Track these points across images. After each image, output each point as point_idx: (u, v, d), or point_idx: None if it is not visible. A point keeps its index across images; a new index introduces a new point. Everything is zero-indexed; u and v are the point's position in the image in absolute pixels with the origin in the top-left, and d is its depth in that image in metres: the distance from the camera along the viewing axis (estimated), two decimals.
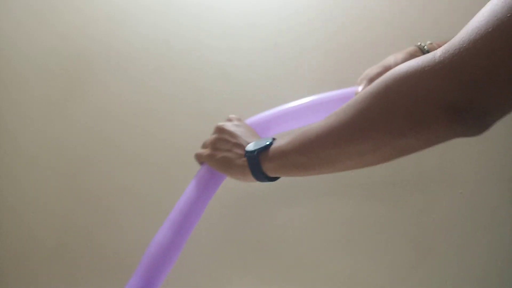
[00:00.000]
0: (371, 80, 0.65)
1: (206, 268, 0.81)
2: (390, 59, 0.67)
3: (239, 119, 0.63)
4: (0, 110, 0.92)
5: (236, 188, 0.79)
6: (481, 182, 0.73)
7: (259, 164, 0.52)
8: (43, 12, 0.91)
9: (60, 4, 0.91)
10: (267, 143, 0.53)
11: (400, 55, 0.67)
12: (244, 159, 0.54)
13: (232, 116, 0.63)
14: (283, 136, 0.53)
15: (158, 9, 0.86)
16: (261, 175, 0.53)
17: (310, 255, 0.78)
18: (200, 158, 0.62)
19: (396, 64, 0.65)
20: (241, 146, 0.56)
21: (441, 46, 0.63)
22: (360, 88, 0.65)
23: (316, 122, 0.48)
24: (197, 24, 0.84)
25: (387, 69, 0.65)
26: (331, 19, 0.82)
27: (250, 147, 0.54)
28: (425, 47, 0.66)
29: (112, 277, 0.85)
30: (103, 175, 0.86)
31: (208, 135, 0.82)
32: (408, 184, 0.75)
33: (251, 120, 0.65)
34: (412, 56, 0.66)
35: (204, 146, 0.62)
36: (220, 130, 0.60)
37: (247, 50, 0.82)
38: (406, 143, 0.40)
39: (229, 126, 0.60)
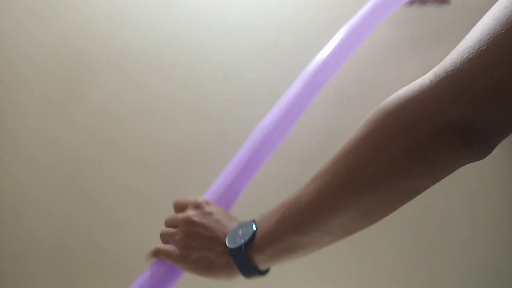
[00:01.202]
0: None
1: None
2: None
3: (207, 202, 0.52)
4: (0, 110, 0.92)
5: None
6: (481, 182, 0.73)
7: (249, 259, 0.45)
8: (43, 12, 0.91)
9: (60, 4, 0.91)
10: (252, 231, 0.45)
11: None
12: (228, 257, 0.46)
13: (197, 200, 0.52)
14: (263, 216, 0.46)
15: (158, 9, 0.86)
16: (252, 271, 0.46)
17: (310, 255, 0.78)
18: (166, 254, 0.50)
19: None
20: (220, 240, 0.47)
21: None
22: None
23: (303, 186, 0.42)
24: (197, 24, 0.84)
25: None
26: (331, 19, 0.82)
27: (233, 241, 0.46)
28: None
29: (112, 277, 0.85)
30: (103, 175, 0.86)
31: (208, 135, 0.83)
32: None
33: (212, 192, 0.56)
34: None
35: (168, 225, 0.53)
36: (189, 223, 0.49)
37: (247, 50, 0.82)
38: (413, 182, 0.37)
39: (198, 216, 0.49)
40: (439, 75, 0.34)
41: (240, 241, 0.45)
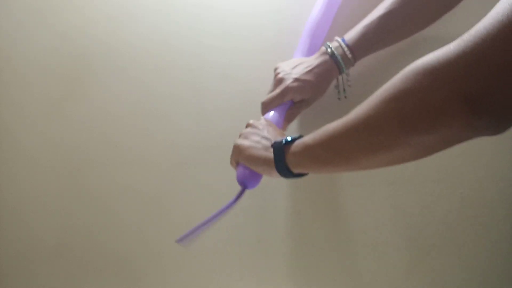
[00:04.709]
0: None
1: (207, 268, 0.81)
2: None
3: (267, 120, 0.64)
4: (0, 110, 0.92)
5: (236, 188, 0.79)
6: (481, 182, 0.73)
7: (284, 156, 0.53)
8: (43, 12, 0.91)
9: (60, 4, 0.91)
10: (294, 137, 0.54)
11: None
12: (271, 150, 0.56)
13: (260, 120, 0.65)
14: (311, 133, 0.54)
15: (158, 9, 0.86)
16: (284, 169, 0.54)
17: (310, 255, 0.78)
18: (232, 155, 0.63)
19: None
20: (270, 139, 0.58)
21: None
22: None
23: (337, 120, 0.48)
24: (197, 24, 0.84)
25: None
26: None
27: (278, 139, 0.56)
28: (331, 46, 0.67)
29: (112, 277, 0.85)
30: (103, 175, 0.86)
31: (208, 135, 0.83)
32: (408, 184, 0.75)
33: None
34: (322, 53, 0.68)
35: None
36: (251, 125, 0.62)
37: (247, 50, 0.82)
38: (421, 140, 0.39)
39: (259, 123, 0.62)
40: (463, 41, 0.35)
41: (283, 140, 0.55)
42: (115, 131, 0.86)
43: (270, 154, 0.56)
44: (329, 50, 0.67)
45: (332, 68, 0.67)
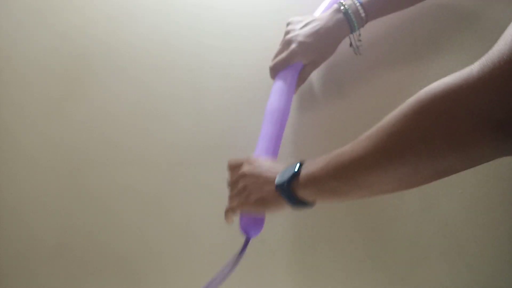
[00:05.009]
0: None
1: (207, 268, 0.81)
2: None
3: (257, 157, 0.61)
4: (0, 110, 0.92)
5: None
6: (481, 182, 0.73)
7: (293, 193, 0.52)
8: (43, 12, 0.91)
9: (60, 4, 0.91)
10: (295, 170, 0.52)
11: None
12: (277, 192, 0.54)
13: (249, 157, 0.61)
14: (312, 161, 0.52)
15: (158, 9, 0.86)
16: (299, 204, 0.53)
17: (309, 255, 0.78)
18: (231, 211, 0.60)
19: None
20: (270, 182, 0.55)
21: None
22: None
23: (349, 144, 0.46)
24: (197, 24, 0.84)
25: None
26: None
27: (279, 179, 0.54)
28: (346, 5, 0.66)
29: (112, 277, 0.85)
30: (103, 175, 0.86)
31: (208, 135, 0.83)
32: None
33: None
34: (336, 10, 0.67)
35: (231, 199, 0.61)
36: (245, 176, 0.58)
37: (247, 50, 0.82)
38: (448, 165, 0.38)
39: (251, 170, 0.58)
40: (486, 65, 0.34)
41: (284, 179, 0.52)
42: (115, 131, 0.86)
43: (278, 197, 0.54)
44: (342, 7, 0.66)
45: (343, 26, 0.67)
